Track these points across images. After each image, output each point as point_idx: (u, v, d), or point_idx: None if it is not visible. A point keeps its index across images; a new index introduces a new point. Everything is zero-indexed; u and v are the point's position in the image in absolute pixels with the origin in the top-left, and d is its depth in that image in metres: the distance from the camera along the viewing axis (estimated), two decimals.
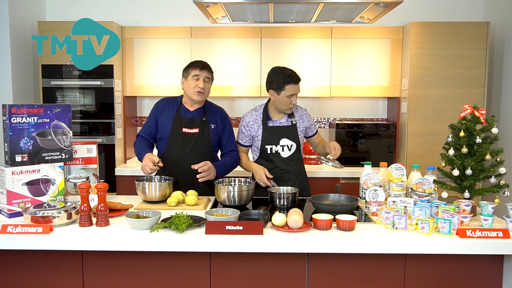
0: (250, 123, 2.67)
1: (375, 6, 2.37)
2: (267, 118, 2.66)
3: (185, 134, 2.58)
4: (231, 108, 4.16)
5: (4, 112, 2.07)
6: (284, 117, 2.67)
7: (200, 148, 2.58)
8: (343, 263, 1.92)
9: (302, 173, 2.75)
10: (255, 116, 2.68)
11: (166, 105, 2.66)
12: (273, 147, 2.63)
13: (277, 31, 3.75)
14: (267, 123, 2.65)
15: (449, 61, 3.58)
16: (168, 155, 2.59)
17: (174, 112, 2.62)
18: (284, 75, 2.53)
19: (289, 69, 2.58)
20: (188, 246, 1.81)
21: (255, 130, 2.66)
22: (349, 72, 3.78)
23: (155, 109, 2.67)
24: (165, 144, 2.60)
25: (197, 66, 2.58)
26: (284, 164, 2.64)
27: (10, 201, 2.05)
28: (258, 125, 2.65)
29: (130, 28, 3.78)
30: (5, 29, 3.46)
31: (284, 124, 2.65)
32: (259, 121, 2.66)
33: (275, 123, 2.65)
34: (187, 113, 2.63)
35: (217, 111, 2.71)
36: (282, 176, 2.63)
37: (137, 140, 2.66)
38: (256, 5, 2.39)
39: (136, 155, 2.59)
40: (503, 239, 1.80)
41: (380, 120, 4.12)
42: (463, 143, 2.10)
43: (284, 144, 2.62)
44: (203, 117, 2.63)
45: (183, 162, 2.55)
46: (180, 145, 2.57)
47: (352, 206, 2.18)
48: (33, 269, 1.95)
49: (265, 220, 1.93)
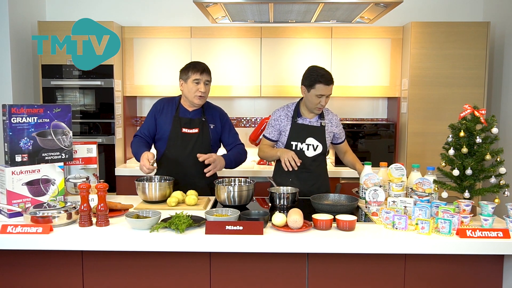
0: (281, 118, 2.69)
1: (375, 6, 2.37)
2: (297, 115, 2.67)
3: (185, 134, 2.58)
4: (231, 108, 4.15)
5: (4, 112, 2.07)
6: (314, 117, 2.67)
7: (200, 148, 2.59)
8: (343, 263, 1.92)
9: (323, 177, 2.74)
10: (286, 111, 2.71)
11: (165, 105, 2.66)
12: (299, 144, 2.63)
13: (277, 31, 3.75)
14: (297, 120, 2.66)
15: (449, 61, 3.58)
16: (168, 155, 2.59)
17: (173, 112, 2.62)
18: (317, 74, 2.55)
19: (324, 69, 2.59)
20: (188, 246, 1.81)
21: (284, 125, 2.67)
22: (349, 72, 3.78)
23: (153, 109, 2.67)
24: (165, 144, 2.60)
25: (198, 70, 2.56)
26: (307, 163, 2.63)
27: (10, 201, 2.05)
28: (288, 121, 2.67)
29: (130, 28, 3.78)
30: (5, 29, 3.46)
31: (313, 123, 2.65)
32: (289, 117, 2.68)
33: (304, 121, 2.66)
34: (186, 114, 2.63)
35: (216, 111, 2.72)
36: (302, 175, 2.62)
37: (134, 139, 2.65)
38: (256, 5, 2.39)
39: (133, 155, 2.59)
40: (503, 239, 1.80)
41: (380, 120, 4.12)
42: (463, 143, 2.10)
43: (310, 143, 2.62)
44: (202, 117, 2.63)
45: (183, 162, 2.56)
46: (180, 145, 2.57)
47: (352, 206, 2.18)
48: (33, 269, 1.95)
49: (265, 220, 1.93)
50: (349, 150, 2.86)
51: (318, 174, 2.70)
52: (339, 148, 2.85)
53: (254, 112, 4.15)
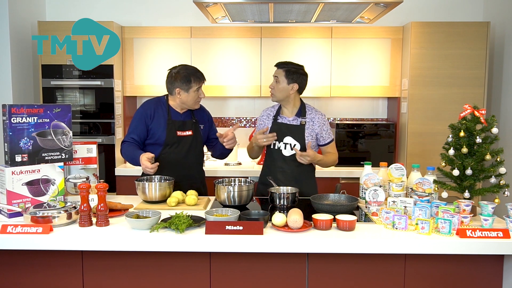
0: (263, 118, 2.73)
1: (375, 6, 2.37)
2: (278, 114, 2.68)
3: (180, 137, 2.58)
4: (231, 108, 4.16)
5: (4, 112, 2.07)
6: (293, 116, 2.66)
7: (195, 149, 2.61)
8: (343, 263, 1.92)
9: (305, 179, 2.65)
10: (270, 111, 2.73)
11: (156, 109, 2.58)
12: (276, 143, 2.63)
13: (277, 31, 3.75)
14: (277, 118, 2.66)
15: (449, 61, 3.58)
16: (164, 159, 2.54)
17: (165, 115, 2.58)
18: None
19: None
20: (188, 246, 1.81)
21: (266, 124, 2.69)
22: (349, 72, 3.78)
23: (143, 114, 2.56)
24: (160, 148, 2.56)
25: (200, 80, 2.56)
26: (283, 163, 2.62)
27: (10, 201, 2.05)
28: (269, 120, 2.69)
29: (130, 28, 3.78)
30: (5, 29, 3.46)
31: (292, 122, 2.64)
32: (270, 116, 2.70)
33: (283, 119, 2.66)
34: (178, 116, 2.61)
35: (203, 112, 2.74)
36: (277, 174, 2.60)
37: (124, 145, 2.54)
38: (256, 5, 2.39)
39: (128, 160, 2.52)
40: (503, 239, 1.80)
41: (380, 120, 4.12)
42: (463, 143, 2.10)
43: (288, 142, 2.62)
44: (193, 119, 2.65)
45: (180, 165, 2.56)
46: (176, 149, 2.57)
47: (352, 206, 2.18)
48: (33, 269, 1.95)
49: (265, 220, 1.93)
50: (330, 153, 2.69)
51: (296, 174, 2.61)
52: (323, 150, 2.71)
53: (254, 112, 4.15)
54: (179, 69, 2.57)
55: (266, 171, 2.67)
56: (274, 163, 2.64)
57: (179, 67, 2.60)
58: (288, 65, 2.62)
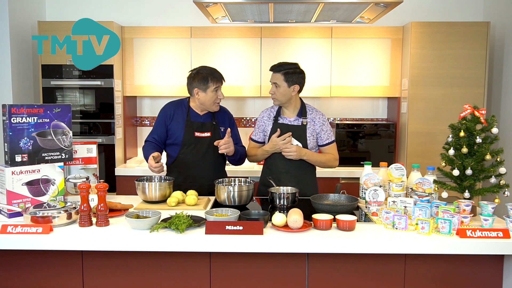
0: (264, 119, 2.71)
1: (375, 6, 2.37)
2: (278, 114, 2.67)
3: (198, 138, 2.60)
4: (231, 108, 4.10)
5: (4, 112, 2.07)
6: (294, 116, 2.65)
7: (213, 151, 2.61)
8: (343, 263, 1.93)
9: (307, 180, 2.64)
10: (269, 112, 2.72)
11: (175, 110, 2.65)
12: None
13: (277, 31, 3.75)
14: (278, 119, 2.65)
15: (449, 61, 3.58)
16: (182, 159, 2.61)
17: (185, 117, 2.62)
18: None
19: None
20: (188, 246, 1.81)
21: (266, 125, 2.68)
22: (349, 72, 3.78)
23: (163, 115, 2.65)
24: (178, 148, 2.61)
25: (218, 80, 2.58)
26: (284, 164, 2.62)
27: (10, 201, 2.05)
28: (270, 121, 2.68)
29: (130, 28, 3.78)
30: (5, 29, 3.46)
31: (293, 123, 2.64)
32: (271, 117, 2.69)
33: (284, 120, 2.65)
34: (197, 118, 2.64)
35: (225, 114, 2.75)
36: (279, 176, 2.60)
37: (145, 145, 2.67)
38: (256, 5, 2.39)
39: (145, 159, 2.60)
40: (503, 239, 1.80)
41: (380, 120, 4.12)
42: (463, 143, 2.10)
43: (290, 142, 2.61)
44: (213, 120, 2.66)
45: (197, 166, 2.60)
46: (193, 149, 2.60)
47: (352, 206, 2.18)
48: (33, 269, 1.96)
49: (265, 220, 1.93)
50: (329, 154, 2.66)
51: (298, 175, 2.61)
52: (322, 151, 2.68)
53: (254, 112, 4.16)
54: (198, 70, 2.61)
55: (267, 172, 2.67)
56: (276, 163, 2.63)
57: (199, 68, 2.63)
58: (284, 67, 2.57)
